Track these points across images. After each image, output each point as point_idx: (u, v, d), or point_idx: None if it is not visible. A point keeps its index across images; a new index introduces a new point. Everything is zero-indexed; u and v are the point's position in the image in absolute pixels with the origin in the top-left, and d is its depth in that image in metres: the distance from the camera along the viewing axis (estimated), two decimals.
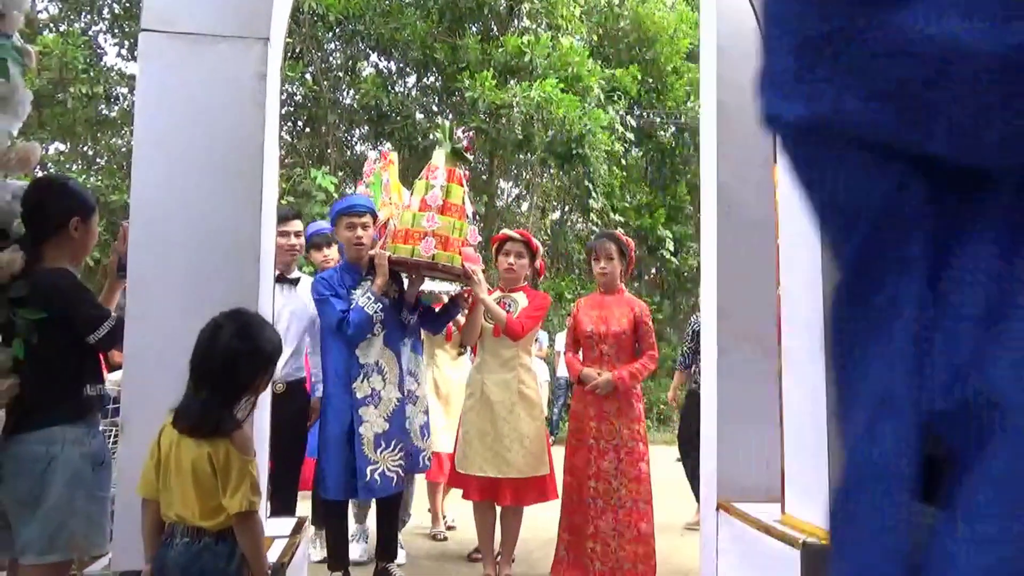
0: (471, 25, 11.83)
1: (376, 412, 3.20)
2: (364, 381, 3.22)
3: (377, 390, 3.23)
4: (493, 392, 3.48)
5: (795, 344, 2.63)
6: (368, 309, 3.19)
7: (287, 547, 2.34)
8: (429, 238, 3.19)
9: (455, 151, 3.39)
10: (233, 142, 2.19)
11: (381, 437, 3.19)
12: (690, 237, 13.41)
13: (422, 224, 3.22)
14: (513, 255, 3.63)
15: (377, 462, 3.16)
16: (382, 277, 3.24)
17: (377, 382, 3.24)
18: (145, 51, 2.20)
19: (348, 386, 3.20)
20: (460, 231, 3.32)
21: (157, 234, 2.14)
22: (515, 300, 3.59)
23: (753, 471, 2.99)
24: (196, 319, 2.12)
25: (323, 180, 9.41)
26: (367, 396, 3.21)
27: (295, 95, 11.32)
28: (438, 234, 3.21)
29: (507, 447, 3.42)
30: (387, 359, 3.29)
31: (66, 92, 9.84)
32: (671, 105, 13.46)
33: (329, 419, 3.23)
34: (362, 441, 3.16)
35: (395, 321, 3.36)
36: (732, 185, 3.16)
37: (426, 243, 3.19)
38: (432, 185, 3.28)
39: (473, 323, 3.59)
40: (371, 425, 3.19)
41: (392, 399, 3.25)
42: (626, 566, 3.38)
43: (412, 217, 3.28)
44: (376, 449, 3.17)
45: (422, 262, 3.21)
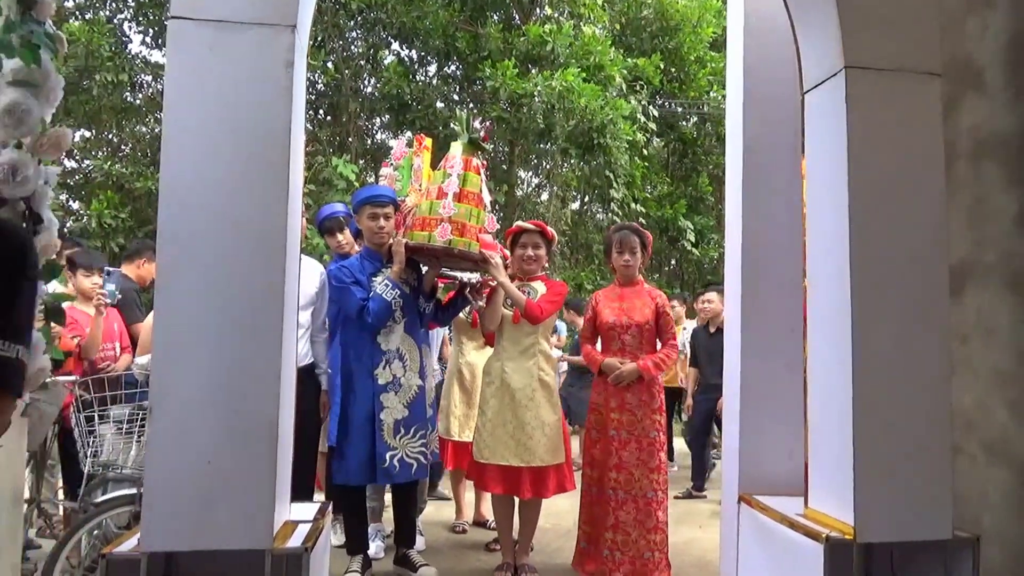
0: (493, 14, 11.79)
1: (396, 399, 3.28)
2: (386, 368, 3.29)
3: (398, 377, 3.30)
4: (513, 379, 3.49)
5: (820, 337, 2.60)
6: (386, 296, 3.27)
7: (311, 531, 2.36)
8: (445, 224, 3.25)
9: (472, 141, 3.46)
10: (261, 130, 2.20)
11: (401, 423, 3.26)
12: (711, 228, 13.31)
13: (439, 211, 3.28)
14: (530, 247, 3.65)
15: (396, 448, 3.24)
16: (399, 263, 3.31)
17: (398, 369, 3.31)
18: (173, 38, 2.20)
19: (371, 373, 3.28)
20: (477, 218, 3.38)
21: (185, 221, 2.15)
22: (534, 288, 3.61)
23: (776, 464, 2.97)
24: (224, 305, 2.15)
25: (344, 168, 9.44)
26: (388, 383, 3.28)
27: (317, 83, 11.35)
28: (455, 220, 3.27)
29: (528, 435, 3.43)
30: (408, 346, 3.37)
31: (91, 80, 9.93)
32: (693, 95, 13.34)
33: (352, 405, 3.29)
34: (382, 427, 3.23)
35: (414, 309, 3.43)
36: (758, 176, 3.13)
37: (442, 229, 3.25)
38: (449, 174, 3.35)
39: (493, 309, 3.59)
40: (391, 411, 3.26)
41: (412, 386, 3.33)
42: (645, 555, 3.39)
43: (429, 205, 3.36)
44: (396, 435, 3.25)
45: (438, 248, 3.26)
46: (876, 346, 2.40)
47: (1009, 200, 2.97)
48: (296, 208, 2.42)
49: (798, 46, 2.78)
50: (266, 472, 2.14)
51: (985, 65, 3.09)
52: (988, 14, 3.10)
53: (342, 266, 3.39)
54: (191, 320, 2.13)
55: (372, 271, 3.38)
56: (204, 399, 2.11)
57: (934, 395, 2.42)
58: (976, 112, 3.11)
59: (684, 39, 12.74)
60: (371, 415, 3.24)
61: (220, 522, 2.09)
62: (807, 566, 2.40)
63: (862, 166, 2.45)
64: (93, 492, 3.06)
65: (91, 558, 2.95)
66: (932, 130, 2.51)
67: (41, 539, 3.77)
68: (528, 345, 3.54)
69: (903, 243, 2.45)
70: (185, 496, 2.09)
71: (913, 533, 2.36)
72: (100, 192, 9.80)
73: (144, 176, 9.84)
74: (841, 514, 2.41)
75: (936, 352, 2.44)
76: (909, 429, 2.38)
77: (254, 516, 2.12)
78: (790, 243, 2.91)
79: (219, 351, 2.13)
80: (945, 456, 2.41)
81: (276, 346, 2.17)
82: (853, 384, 2.38)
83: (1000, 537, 2.85)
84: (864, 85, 2.48)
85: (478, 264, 3.42)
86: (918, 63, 2.52)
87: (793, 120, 2.85)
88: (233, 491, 2.10)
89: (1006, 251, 2.96)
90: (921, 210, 2.47)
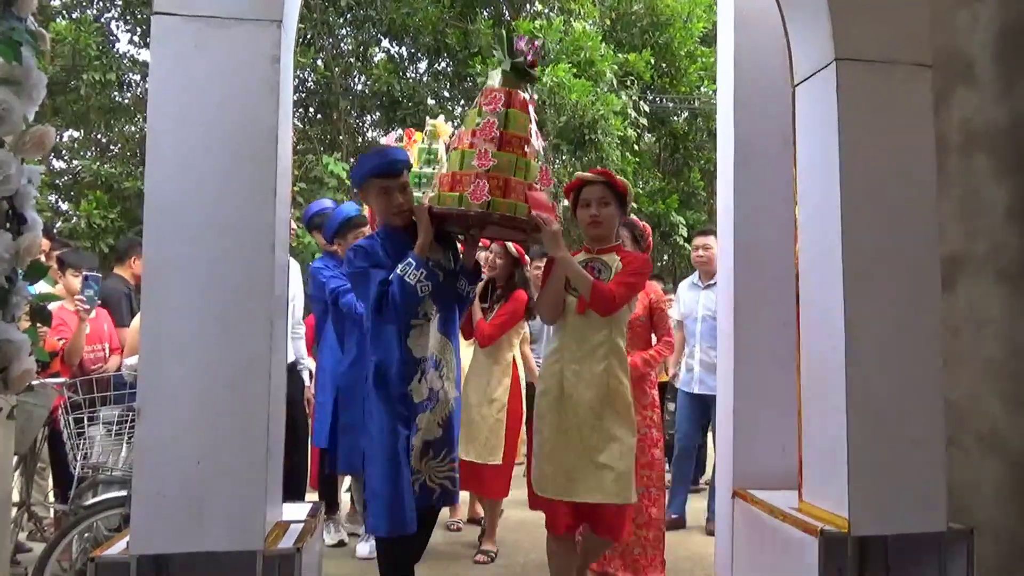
0: (483, 10, 11.75)
1: (432, 417, 2.55)
2: (421, 381, 2.51)
3: (435, 390, 2.55)
4: (577, 389, 2.57)
5: (813, 330, 2.60)
6: (408, 279, 2.42)
7: (303, 532, 2.34)
8: (481, 181, 2.44)
9: (516, 68, 2.61)
10: (247, 126, 2.17)
11: (431, 445, 2.57)
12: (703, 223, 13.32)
13: (472, 164, 2.49)
14: (595, 203, 2.68)
15: (420, 472, 2.56)
16: (424, 236, 2.48)
17: (435, 380, 2.55)
18: (158, 34, 2.17)
19: (404, 391, 2.49)
20: (525, 171, 2.56)
21: (171, 220, 2.12)
22: (604, 263, 2.67)
23: (769, 458, 2.97)
24: (212, 304, 2.12)
25: (335, 167, 9.41)
26: (425, 400, 2.52)
27: (307, 81, 11.31)
28: (495, 175, 2.46)
29: (595, 464, 2.54)
30: (443, 350, 2.60)
31: (79, 79, 9.86)
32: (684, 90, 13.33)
33: (375, 435, 2.48)
34: (410, 450, 2.53)
35: (450, 298, 2.64)
36: (749, 170, 3.12)
37: (478, 187, 2.43)
38: (486, 113, 2.54)
39: (550, 293, 2.65)
40: (424, 433, 2.55)
41: (449, 400, 2.62)
42: (636, 551, 3.38)
43: (460, 156, 2.54)
44: (422, 458, 2.56)
45: (473, 213, 2.45)
46: (868, 339, 2.39)
47: (1000, 192, 2.97)
48: (284, 206, 2.40)
49: (788, 39, 2.77)
50: (257, 472, 2.12)
51: (976, 57, 3.09)
52: (978, 6, 3.10)
53: (357, 247, 2.57)
54: (179, 320, 2.10)
55: (398, 253, 2.52)
56: (193, 399, 2.09)
57: (927, 387, 2.42)
58: (967, 104, 3.11)
59: (675, 34, 12.72)
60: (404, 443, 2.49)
61: (211, 523, 2.07)
62: (802, 560, 2.40)
63: (853, 158, 2.44)
64: (83, 495, 3.03)
65: (82, 561, 2.93)
66: (923, 122, 2.51)
67: (31, 542, 3.75)
68: (598, 343, 2.59)
69: (895, 236, 2.44)
70: (175, 498, 2.06)
71: (907, 526, 2.36)
72: (89, 192, 9.73)
73: (133, 176, 9.77)
74: (835, 508, 2.41)
75: (928, 344, 2.44)
76: (902, 422, 2.38)
77: (245, 517, 2.10)
78: (782, 237, 2.90)
79: (208, 351, 2.11)
80: (939, 448, 2.41)
81: (265, 345, 2.15)
82: (846, 377, 2.37)
83: (994, 529, 2.86)
84: (855, 77, 2.48)
85: (527, 233, 2.63)
86: (909, 55, 2.51)
87: (784, 113, 2.84)
88: (223, 492, 2.08)
89: (997, 243, 2.97)
90: (912, 202, 2.47)
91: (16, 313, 2.49)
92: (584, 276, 2.54)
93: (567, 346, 2.64)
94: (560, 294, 2.63)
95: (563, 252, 2.54)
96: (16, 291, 2.46)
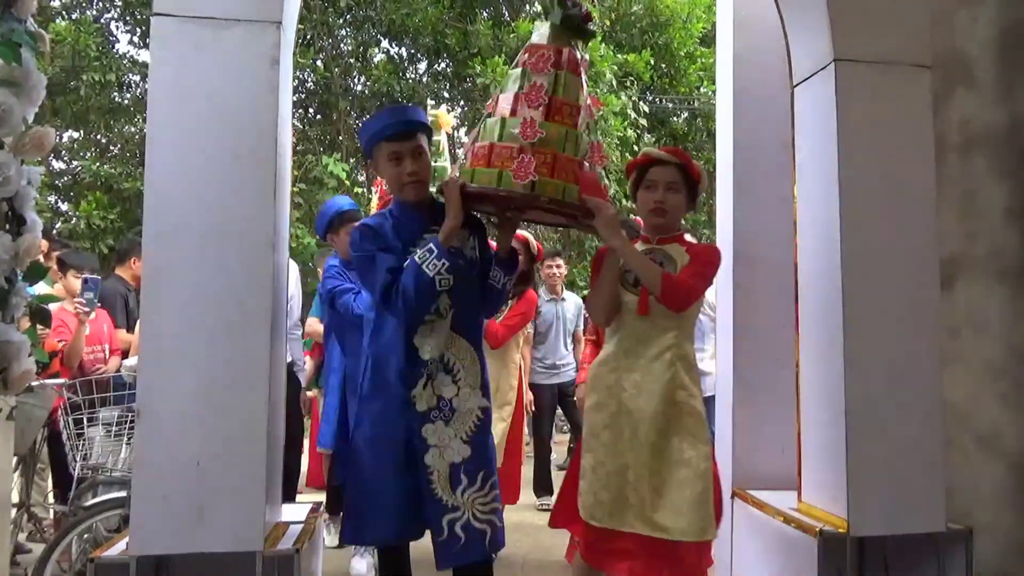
0: (482, 10, 11.74)
1: (449, 431, 2.16)
2: (427, 386, 2.16)
3: (447, 399, 2.18)
4: (639, 402, 2.21)
5: (812, 330, 2.60)
6: (427, 268, 2.04)
7: (303, 532, 2.34)
8: (526, 156, 2.05)
9: (568, 21, 2.20)
10: (247, 128, 2.17)
11: (461, 469, 2.14)
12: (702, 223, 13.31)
13: (514, 133, 2.10)
14: (662, 187, 2.30)
15: (460, 507, 2.12)
16: (453, 219, 2.09)
17: (446, 386, 2.18)
18: (157, 35, 2.17)
19: (404, 396, 2.15)
20: (576, 145, 2.17)
21: (171, 221, 2.12)
22: (668, 255, 2.30)
23: (769, 458, 2.97)
24: (211, 305, 2.12)
25: (335, 167, 9.42)
26: (432, 409, 2.16)
27: (306, 82, 11.31)
28: (541, 150, 2.07)
29: (660, 490, 2.16)
30: (459, 351, 2.21)
31: (79, 80, 9.86)
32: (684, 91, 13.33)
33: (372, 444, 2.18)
34: (430, 476, 2.12)
35: (472, 292, 2.26)
36: (749, 171, 3.12)
37: (522, 164, 2.04)
38: (532, 74, 2.15)
39: (605, 290, 2.28)
40: (443, 451, 2.15)
41: (473, 410, 2.20)
42: None
43: (500, 125, 2.15)
44: (455, 487, 2.13)
45: (516, 195, 2.06)
46: (867, 340, 2.39)
47: (999, 193, 2.97)
48: (284, 207, 2.40)
49: (787, 39, 2.78)
50: (256, 473, 2.11)
51: (975, 58, 3.10)
52: (978, 7, 3.10)
53: (364, 226, 2.22)
54: (178, 320, 2.10)
55: (412, 235, 2.18)
56: (193, 400, 2.09)
57: (926, 388, 2.42)
58: (966, 105, 3.11)
59: (674, 35, 12.72)
60: (406, 459, 2.14)
61: (210, 524, 2.07)
62: (801, 560, 2.40)
63: (852, 159, 2.45)
64: (83, 495, 3.03)
65: (81, 562, 2.93)
66: (922, 123, 2.51)
67: (31, 543, 3.75)
68: (662, 348, 2.22)
69: (894, 237, 2.44)
70: (174, 499, 2.06)
71: (906, 526, 2.36)
72: (89, 193, 9.74)
73: (133, 177, 9.77)
74: (834, 508, 2.41)
75: (927, 345, 2.44)
76: (901, 422, 2.38)
77: (245, 518, 2.10)
78: (781, 237, 2.90)
79: (207, 351, 2.11)
80: (937, 449, 2.41)
81: (265, 346, 2.15)
82: (845, 378, 2.37)
83: (993, 529, 2.86)
84: (854, 78, 2.48)
85: (577, 219, 2.24)
86: (908, 56, 2.51)
87: (783, 114, 2.85)
88: (223, 493, 2.08)
89: (996, 244, 2.97)
90: (912, 203, 2.47)
91: (16, 314, 2.49)
92: (651, 266, 2.17)
93: (625, 352, 2.26)
94: (615, 291, 2.27)
95: (622, 241, 2.16)
96: (16, 292, 2.47)
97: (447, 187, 2.14)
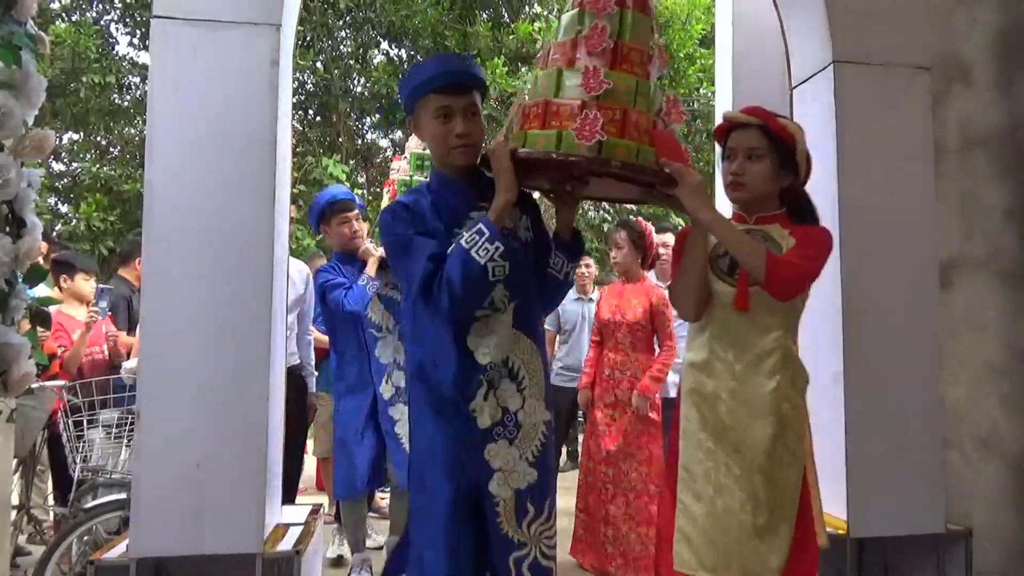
0: (482, 12, 11.75)
1: (514, 452, 1.75)
2: (489, 397, 1.74)
3: (512, 411, 1.76)
4: (736, 416, 1.79)
5: (811, 332, 2.60)
6: (477, 255, 1.64)
7: (303, 534, 2.35)
8: (591, 112, 1.64)
9: None
10: (246, 130, 2.18)
11: (527, 496, 1.76)
12: None
13: (574, 86, 1.70)
14: (740, 155, 1.87)
15: (527, 543, 1.75)
16: (507, 191, 1.69)
17: (511, 396, 1.76)
18: (157, 38, 2.18)
19: (462, 410, 1.73)
20: (648, 98, 1.75)
21: (171, 223, 2.13)
22: (770, 238, 1.85)
23: None
24: (211, 307, 2.13)
25: (334, 168, 9.42)
26: (496, 425, 1.74)
27: (306, 83, 11.31)
28: (608, 105, 1.67)
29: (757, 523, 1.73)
30: (523, 351, 1.79)
31: (79, 82, 9.86)
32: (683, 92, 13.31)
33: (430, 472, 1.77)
34: (496, 507, 1.74)
35: (530, 280, 1.85)
36: None
37: (586, 121, 1.63)
38: (592, 15, 1.74)
39: (693, 277, 1.82)
40: (508, 477, 1.74)
41: (538, 425, 1.79)
42: (637, 548, 3.39)
43: (555, 77, 1.74)
44: (521, 520, 1.74)
45: (580, 160, 1.64)
46: (867, 341, 2.40)
47: (998, 194, 2.97)
48: (283, 208, 2.40)
49: (787, 41, 2.78)
50: (256, 475, 2.12)
51: (973, 59, 3.10)
52: (976, 7, 3.10)
53: (396, 204, 1.82)
54: (178, 322, 2.11)
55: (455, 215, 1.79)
56: (193, 402, 2.10)
57: (925, 389, 2.43)
58: (965, 106, 3.11)
59: (673, 36, 12.71)
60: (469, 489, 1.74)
61: (210, 526, 2.07)
62: None
63: (852, 160, 2.45)
64: (83, 497, 3.03)
65: (81, 564, 2.92)
66: (921, 124, 2.52)
67: (31, 545, 3.75)
68: (766, 350, 1.81)
69: (893, 237, 2.45)
70: (174, 501, 2.07)
71: (906, 527, 2.37)
72: (89, 195, 9.74)
73: (133, 178, 9.77)
74: (834, 509, 2.41)
75: (926, 346, 2.45)
76: (900, 424, 2.39)
77: (244, 520, 2.10)
78: None
79: (207, 353, 2.11)
80: (937, 450, 2.42)
81: (264, 347, 2.15)
82: (844, 379, 2.38)
83: (992, 530, 2.86)
84: (853, 79, 2.49)
85: (655, 189, 1.77)
86: (906, 57, 2.52)
87: None
88: (223, 495, 2.09)
89: (995, 245, 2.97)
90: (910, 204, 2.47)
91: (16, 316, 2.49)
92: (751, 243, 1.74)
93: (720, 356, 1.83)
94: (705, 276, 1.83)
95: (714, 213, 1.74)
96: (16, 294, 2.47)
97: (495, 155, 1.73)
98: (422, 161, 3.32)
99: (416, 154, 3.36)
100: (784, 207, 1.92)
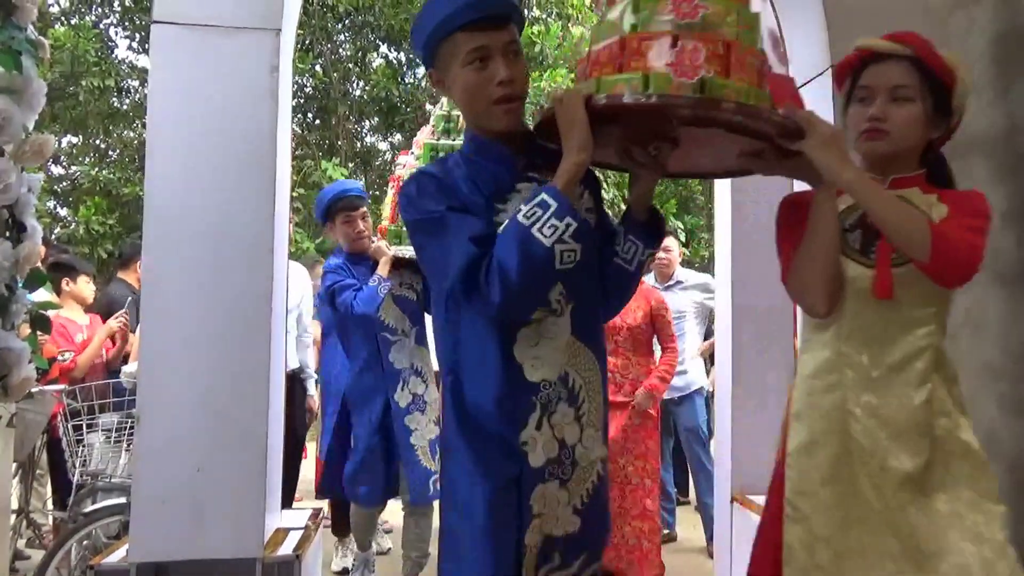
0: None
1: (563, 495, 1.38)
2: (543, 426, 1.36)
3: (570, 446, 1.39)
4: (879, 439, 1.42)
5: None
6: (541, 232, 1.23)
7: (303, 539, 2.34)
8: (689, 42, 1.24)
9: None
10: (246, 134, 2.18)
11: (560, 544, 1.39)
12: (701, 228, 13.34)
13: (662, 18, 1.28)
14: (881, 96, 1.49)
15: None
16: (580, 150, 1.27)
17: (568, 425, 1.39)
18: (156, 43, 2.18)
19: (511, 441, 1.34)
20: (752, 32, 1.35)
21: (171, 227, 2.13)
22: (910, 203, 1.46)
23: (768, 464, 2.96)
24: (210, 311, 2.12)
25: (334, 171, 9.43)
26: (550, 463, 1.36)
27: (305, 87, 11.33)
28: (706, 35, 1.25)
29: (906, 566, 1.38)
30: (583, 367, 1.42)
31: (78, 85, 9.88)
32: None
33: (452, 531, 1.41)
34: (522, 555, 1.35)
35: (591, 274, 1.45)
36: None
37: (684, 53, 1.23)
38: None
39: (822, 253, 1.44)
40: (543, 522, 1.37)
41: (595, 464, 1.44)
42: (631, 542, 3.39)
43: (632, 8, 1.30)
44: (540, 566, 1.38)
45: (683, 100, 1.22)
46: None
47: (996, 197, 2.97)
48: (283, 212, 2.40)
49: (785, 45, 2.79)
50: (256, 479, 2.12)
51: (972, 61, 3.11)
52: (974, 10, 3.11)
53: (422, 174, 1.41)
54: (178, 326, 2.11)
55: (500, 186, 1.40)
56: (192, 406, 2.09)
57: None
58: None
59: None
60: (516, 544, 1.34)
61: (210, 531, 2.07)
62: None
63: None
64: (82, 502, 3.03)
65: (81, 569, 2.92)
66: None
67: (30, 550, 3.75)
68: (913, 351, 1.45)
69: None
70: (174, 505, 2.06)
71: None
72: (88, 198, 9.76)
73: (132, 182, 9.79)
74: None
75: None
76: None
77: (245, 524, 2.10)
78: None
79: (207, 357, 2.11)
80: None
81: (264, 352, 2.15)
82: None
83: None
84: None
85: (773, 145, 1.37)
86: None
87: None
88: (223, 499, 2.08)
89: (994, 248, 2.96)
90: None
91: (16, 321, 2.50)
92: (912, 213, 1.36)
93: (851, 359, 1.45)
94: (838, 257, 1.43)
95: (859, 172, 1.37)
96: (16, 299, 2.47)
97: (563, 104, 1.28)
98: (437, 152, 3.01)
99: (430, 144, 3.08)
100: (924, 167, 1.52)
